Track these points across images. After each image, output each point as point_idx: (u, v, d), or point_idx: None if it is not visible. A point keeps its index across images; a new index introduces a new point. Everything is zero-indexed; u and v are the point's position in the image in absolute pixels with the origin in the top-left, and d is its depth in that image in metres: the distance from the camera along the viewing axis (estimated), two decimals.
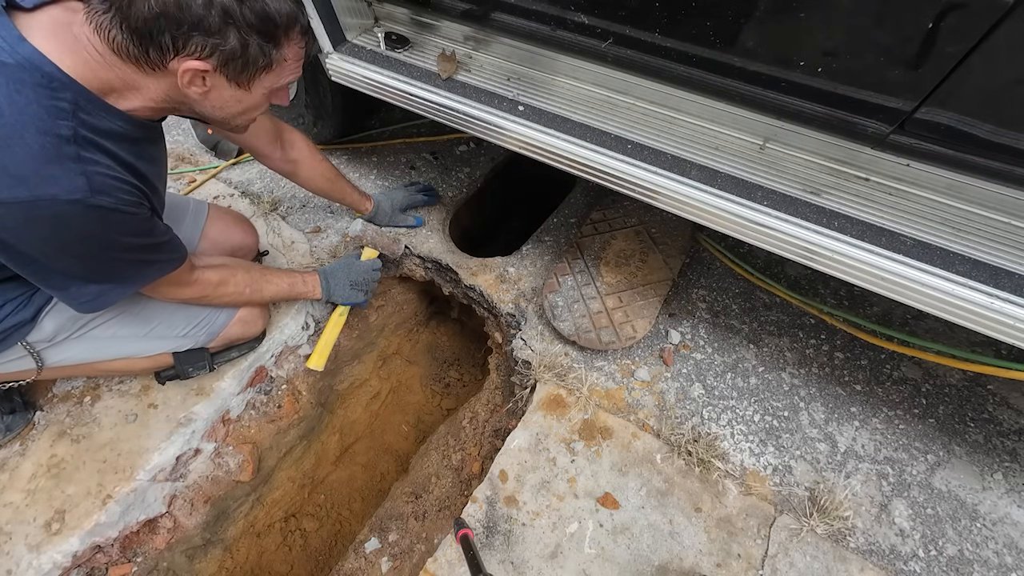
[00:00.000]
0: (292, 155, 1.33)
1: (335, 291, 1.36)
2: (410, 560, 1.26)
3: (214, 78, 0.77)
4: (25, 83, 0.67)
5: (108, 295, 0.89)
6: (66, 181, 0.70)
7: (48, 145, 0.68)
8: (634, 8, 0.95)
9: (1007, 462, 1.23)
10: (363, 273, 1.40)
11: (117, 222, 0.79)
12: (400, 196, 1.65)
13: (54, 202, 0.70)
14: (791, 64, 0.87)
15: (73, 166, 0.70)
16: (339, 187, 1.47)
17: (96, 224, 0.77)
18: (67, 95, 0.70)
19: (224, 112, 0.86)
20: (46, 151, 0.68)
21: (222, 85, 0.79)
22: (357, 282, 1.38)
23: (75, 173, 0.71)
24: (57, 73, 0.69)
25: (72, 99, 0.71)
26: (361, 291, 1.39)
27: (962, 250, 0.91)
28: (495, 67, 1.29)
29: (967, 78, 0.75)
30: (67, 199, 0.70)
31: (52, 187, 0.69)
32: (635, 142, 1.10)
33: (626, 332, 1.36)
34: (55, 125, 0.69)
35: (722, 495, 1.16)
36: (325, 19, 1.28)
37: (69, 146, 0.70)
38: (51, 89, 0.69)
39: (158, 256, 0.93)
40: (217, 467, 1.31)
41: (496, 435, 1.42)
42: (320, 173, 1.40)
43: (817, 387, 1.36)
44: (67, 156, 0.70)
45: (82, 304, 0.88)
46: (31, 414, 1.21)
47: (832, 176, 1.03)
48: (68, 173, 0.70)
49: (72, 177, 0.70)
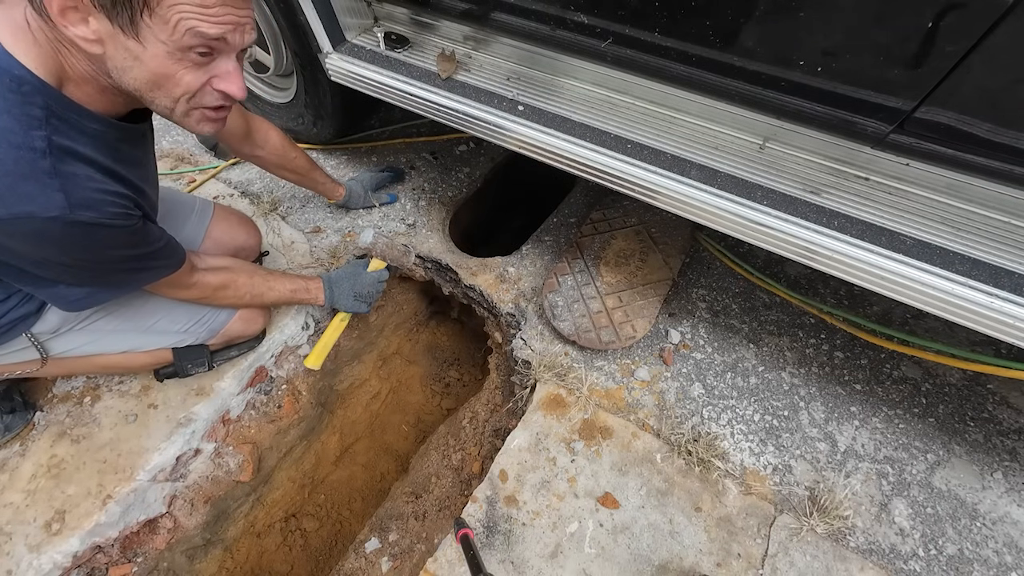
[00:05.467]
0: (260, 151, 1.33)
1: (339, 300, 1.35)
2: (410, 560, 1.26)
3: (101, 27, 0.64)
4: None
5: (96, 296, 0.88)
6: (42, 198, 0.66)
7: (22, 160, 0.65)
8: (634, 8, 0.95)
9: (1007, 461, 1.23)
10: (369, 285, 1.38)
11: (103, 236, 0.75)
12: (368, 177, 1.74)
13: (31, 220, 0.66)
14: (791, 63, 0.87)
15: (49, 182, 0.66)
16: (311, 177, 1.50)
17: (80, 239, 0.73)
18: (39, 100, 0.67)
19: (131, 77, 0.69)
20: (19, 167, 0.65)
21: (108, 31, 0.65)
22: (362, 293, 1.37)
23: (52, 189, 0.67)
24: (28, 76, 0.66)
25: (44, 104, 0.67)
26: (365, 302, 1.39)
27: (962, 249, 0.90)
28: (495, 67, 1.29)
29: (967, 77, 0.75)
30: (44, 216, 0.67)
31: (28, 204, 0.65)
32: (635, 142, 1.10)
33: (626, 332, 1.36)
34: (28, 137, 0.65)
35: (722, 494, 1.16)
36: (324, 19, 1.28)
37: (44, 160, 0.66)
38: (22, 95, 0.65)
39: (152, 263, 0.91)
40: (217, 467, 1.31)
41: (496, 435, 1.42)
42: (290, 167, 1.42)
43: (817, 386, 1.36)
44: (42, 171, 0.66)
45: (70, 304, 0.87)
46: (31, 414, 1.21)
47: (832, 175, 1.03)
48: (44, 189, 0.66)
49: (49, 194, 0.66)
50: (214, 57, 0.72)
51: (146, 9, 0.63)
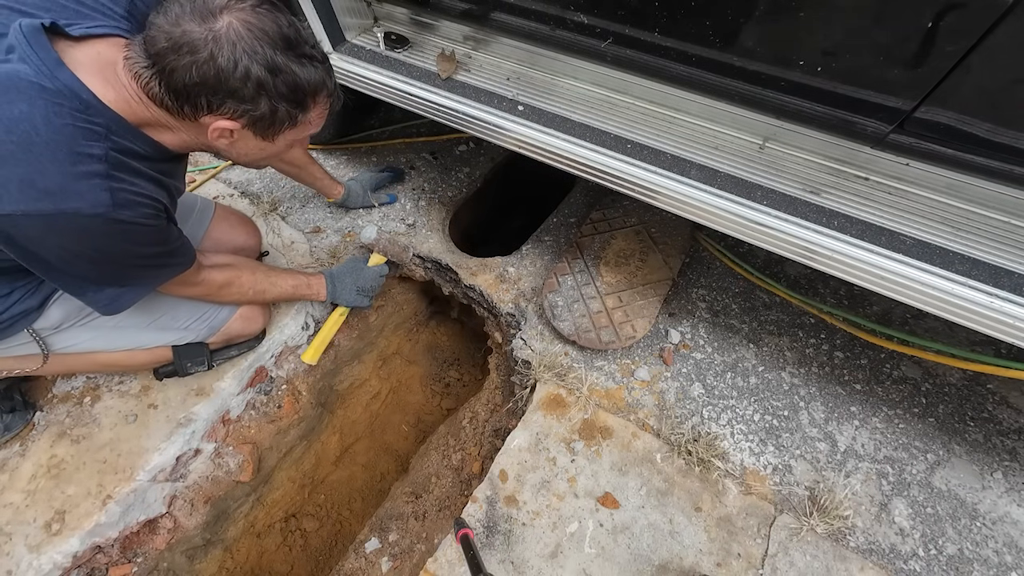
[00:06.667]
0: None
1: (340, 295, 1.38)
2: (410, 560, 1.26)
3: (242, 134, 0.82)
4: (63, 107, 0.71)
5: (123, 298, 0.93)
6: (91, 196, 0.73)
7: (79, 163, 0.72)
8: (633, 8, 0.95)
9: (1007, 461, 1.23)
10: (370, 279, 1.41)
11: (134, 234, 0.82)
12: (367, 177, 1.76)
13: (76, 216, 0.73)
14: (791, 63, 0.87)
15: (99, 182, 0.74)
16: (309, 171, 1.52)
17: (115, 237, 0.80)
18: (101, 120, 0.74)
19: (247, 159, 0.93)
20: (76, 169, 0.71)
21: (248, 138, 0.84)
22: (364, 288, 1.40)
23: (100, 189, 0.74)
24: (94, 101, 0.73)
25: (105, 124, 0.75)
26: (367, 296, 1.42)
27: (962, 249, 0.91)
28: (494, 67, 1.29)
29: (967, 77, 0.75)
30: (90, 213, 0.73)
31: (76, 202, 0.72)
32: (635, 142, 1.10)
33: (626, 332, 1.36)
34: (87, 146, 0.73)
35: (722, 494, 1.16)
36: (324, 19, 1.28)
37: (99, 164, 0.74)
38: (86, 114, 0.73)
39: (170, 261, 0.96)
40: (217, 467, 1.31)
41: (496, 435, 1.42)
42: (287, 158, 1.43)
43: (817, 386, 1.36)
44: (95, 174, 0.73)
45: (101, 307, 0.92)
46: (31, 414, 1.21)
47: (832, 175, 1.03)
48: (94, 189, 0.73)
49: (97, 193, 0.73)
50: None
51: (289, 124, 0.83)
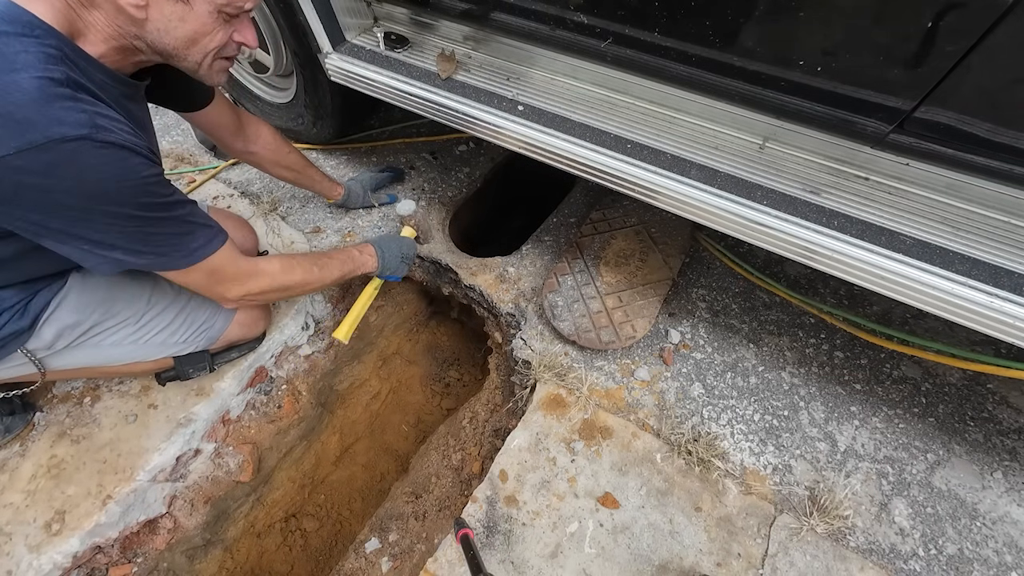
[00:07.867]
0: (253, 146, 1.33)
1: (388, 262, 1.33)
2: (410, 560, 1.26)
3: None
4: (9, 33, 0.67)
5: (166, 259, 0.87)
6: (69, 118, 0.68)
7: (45, 87, 0.67)
8: (633, 7, 0.95)
9: (1007, 461, 1.23)
10: (409, 247, 1.41)
11: (137, 164, 0.76)
12: (367, 177, 1.75)
13: (64, 141, 0.68)
14: (791, 63, 0.87)
15: (72, 104, 0.69)
16: (307, 174, 1.50)
17: (116, 165, 0.74)
18: (52, 42, 0.70)
19: (173, 37, 0.79)
20: (44, 93, 0.67)
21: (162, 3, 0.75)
22: (408, 255, 1.40)
23: (75, 111, 0.69)
24: (37, 21, 0.69)
25: (58, 46, 0.70)
26: (407, 264, 1.41)
27: (962, 249, 0.91)
28: (494, 67, 1.29)
29: (966, 77, 0.75)
30: (75, 136, 0.68)
31: (59, 126, 0.67)
32: (634, 142, 1.10)
33: (626, 332, 1.36)
34: (47, 69, 0.68)
35: (722, 494, 1.16)
36: (324, 19, 1.28)
37: (63, 88, 0.69)
38: (36, 37, 0.69)
39: (193, 220, 0.88)
40: (217, 467, 1.31)
41: (496, 435, 1.42)
42: (284, 163, 1.41)
43: (817, 386, 1.36)
44: (64, 96, 0.69)
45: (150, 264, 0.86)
46: (30, 415, 1.21)
47: (832, 175, 1.03)
48: (69, 111, 0.69)
49: (74, 115, 0.69)
50: (237, 16, 0.84)
51: None
